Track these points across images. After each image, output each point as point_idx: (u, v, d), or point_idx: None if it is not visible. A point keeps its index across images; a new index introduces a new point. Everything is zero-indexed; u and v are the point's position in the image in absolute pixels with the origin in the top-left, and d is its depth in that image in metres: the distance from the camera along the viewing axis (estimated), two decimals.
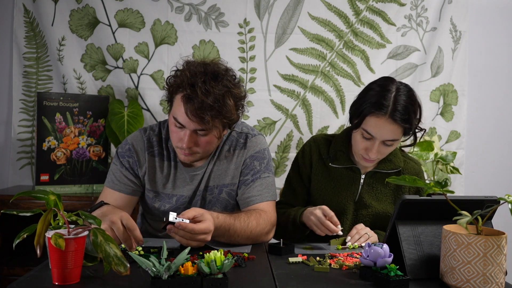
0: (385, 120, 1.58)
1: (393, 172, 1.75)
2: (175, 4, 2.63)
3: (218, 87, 1.46)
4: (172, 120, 1.53)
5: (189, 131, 1.50)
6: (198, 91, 1.43)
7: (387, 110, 1.57)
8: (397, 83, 1.65)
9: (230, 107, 1.49)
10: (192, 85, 1.45)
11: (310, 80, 2.70)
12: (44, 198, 1.12)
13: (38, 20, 2.59)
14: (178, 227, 1.28)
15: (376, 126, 1.60)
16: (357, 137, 1.67)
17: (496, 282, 1.06)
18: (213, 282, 1.04)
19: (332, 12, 2.70)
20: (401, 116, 1.57)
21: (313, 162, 1.80)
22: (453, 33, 2.76)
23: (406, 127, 1.60)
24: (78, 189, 2.43)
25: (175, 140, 1.56)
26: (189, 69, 1.49)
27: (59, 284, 1.05)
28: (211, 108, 1.44)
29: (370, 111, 1.59)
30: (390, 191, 1.76)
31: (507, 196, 1.07)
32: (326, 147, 1.80)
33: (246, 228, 1.47)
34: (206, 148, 1.56)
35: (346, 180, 1.75)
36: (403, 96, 1.60)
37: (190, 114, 1.45)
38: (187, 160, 1.58)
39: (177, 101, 1.50)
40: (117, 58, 2.63)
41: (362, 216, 1.73)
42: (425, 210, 1.25)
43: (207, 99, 1.43)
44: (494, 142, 2.84)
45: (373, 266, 1.16)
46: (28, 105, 2.61)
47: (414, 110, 1.62)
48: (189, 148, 1.52)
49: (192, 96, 1.44)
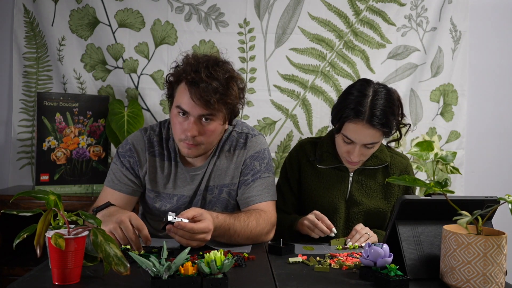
0: (362, 126, 1.60)
1: (380, 167, 1.78)
2: (175, 4, 2.63)
3: (222, 72, 1.50)
4: (175, 111, 1.53)
5: (194, 118, 1.50)
6: (202, 75, 1.46)
7: (364, 116, 1.59)
8: (375, 86, 1.66)
9: (234, 92, 1.52)
10: (196, 70, 1.48)
11: (310, 80, 2.70)
12: (44, 198, 1.12)
13: (38, 20, 2.59)
14: (177, 226, 1.28)
15: (355, 131, 1.62)
16: (339, 141, 1.70)
17: (496, 282, 1.06)
18: (213, 282, 1.04)
19: (332, 12, 2.70)
20: (378, 121, 1.59)
21: (301, 166, 1.82)
22: (453, 33, 2.76)
23: (385, 130, 1.63)
24: (78, 189, 2.43)
25: (178, 132, 1.55)
26: (191, 58, 1.53)
27: (59, 284, 1.05)
28: (216, 91, 1.46)
29: (348, 117, 1.62)
30: (379, 187, 1.78)
31: (507, 196, 1.07)
32: (312, 149, 1.83)
33: (246, 228, 1.47)
34: (210, 139, 1.56)
35: (335, 179, 1.77)
36: (381, 100, 1.61)
37: (195, 98, 1.46)
38: (191, 153, 1.56)
39: (180, 90, 1.52)
40: (117, 58, 2.63)
41: (354, 213, 1.75)
42: (425, 210, 1.25)
43: (212, 82, 1.46)
44: (494, 142, 2.83)
45: (373, 266, 1.16)
46: (28, 105, 2.61)
47: (392, 112, 1.63)
48: (193, 138, 1.51)
49: (196, 80, 1.46)
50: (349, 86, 1.71)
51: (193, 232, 1.30)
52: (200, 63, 1.50)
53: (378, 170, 1.79)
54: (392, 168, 1.79)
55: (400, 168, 1.80)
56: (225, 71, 1.51)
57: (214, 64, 1.51)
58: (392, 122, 1.64)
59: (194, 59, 1.53)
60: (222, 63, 1.54)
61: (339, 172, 1.78)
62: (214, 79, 1.47)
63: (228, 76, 1.51)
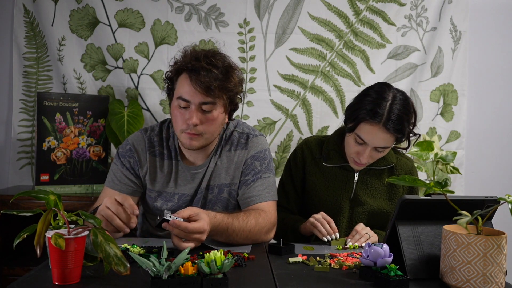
0: (378, 129, 1.60)
1: (386, 168, 1.78)
2: (175, 4, 2.63)
3: (221, 61, 1.54)
4: (176, 103, 1.54)
5: (195, 106, 1.51)
6: (202, 63, 1.49)
7: (381, 119, 1.59)
8: (394, 91, 1.66)
9: (234, 80, 1.55)
10: (196, 58, 1.51)
11: (310, 80, 2.70)
12: (44, 198, 1.12)
13: (38, 20, 2.59)
14: (172, 225, 1.29)
15: (369, 133, 1.62)
16: (350, 141, 1.69)
17: (496, 282, 1.06)
18: (213, 282, 1.04)
19: (332, 12, 2.70)
20: (394, 126, 1.59)
21: (306, 164, 1.82)
22: (453, 33, 2.76)
23: (399, 136, 1.63)
24: (78, 189, 2.43)
25: (179, 123, 1.55)
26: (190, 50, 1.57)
27: (59, 284, 1.05)
28: (216, 77, 1.50)
29: (364, 118, 1.61)
30: (384, 188, 1.78)
31: (507, 196, 1.07)
32: (318, 148, 1.83)
33: (244, 227, 1.47)
34: (212, 128, 1.56)
35: (340, 178, 1.77)
36: (398, 106, 1.61)
37: (196, 85, 1.49)
38: (193, 144, 1.56)
39: (181, 81, 1.54)
40: (117, 58, 2.63)
41: (358, 213, 1.75)
42: (425, 210, 1.25)
43: (212, 69, 1.49)
44: (494, 142, 2.84)
45: (373, 266, 1.16)
46: (28, 105, 2.61)
47: (408, 119, 1.64)
48: (195, 127, 1.52)
49: (197, 67, 1.49)
50: (368, 88, 1.71)
51: (188, 231, 1.30)
52: (199, 52, 1.54)
53: (384, 171, 1.79)
54: (397, 170, 1.79)
55: (405, 170, 1.81)
56: (224, 60, 1.55)
57: (213, 53, 1.56)
58: (406, 129, 1.64)
59: (193, 50, 1.58)
60: (220, 54, 1.58)
61: (345, 171, 1.77)
62: (214, 66, 1.50)
63: (227, 64, 1.55)
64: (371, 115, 1.59)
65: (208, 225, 1.35)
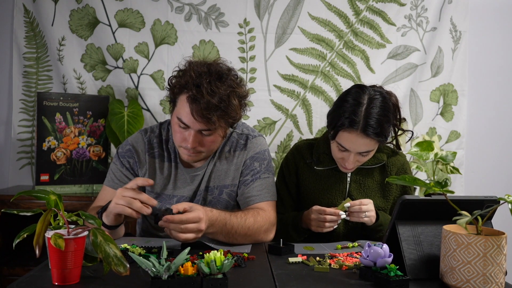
0: (357, 135, 1.59)
1: (377, 166, 1.78)
2: (175, 4, 2.63)
3: (223, 87, 1.47)
4: (176, 120, 1.52)
5: (194, 131, 1.50)
6: (203, 92, 1.43)
7: (358, 126, 1.57)
8: (370, 93, 1.63)
9: (235, 107, 1.50)
10: (197, 85, 1.45)
11: (310, 80, 2.70)
12: (44, 198, 1.12)
13: (38, 20, 2.59)
14: (165, 220, 1.29)
15: (349, 140, 1.61)
16: (334, 148, 1.69)
17: (496, 282, 1.06)
18: (213, 282, 1.04)
19: (332, 12, 2.70)
20: (373, 130, 1.57)
21: (298, 169, 1.82)
22: (453, 33, 2.76)
23: (380, 139, 1.61)
24: (78, 189, 2.43)
25: (178, 140, 1.55)
26: (193, 70, 1.49)
27: (59, 284, 1.05)
28: (217, 108, 1.45)
29: (341, 127, 1.60)
30: (377, 186, 1.79)
31: (507, 196, 1.07)
32: (309, 151, 1.83)
33: (243, 224, 1.47)
34: (211, 147, 1.57)
35: (333, 180, 1.77)
36: (375, 108, 1.59)
37: (196, 115, 1.45)
38: (191, 159, 1.58)
39: (181, 102, 1.50)
40: (117, 58, 2.63)
41: None
42: (425, 210, 1.25)
43: (213, 99, 1.44)
44: (494, 142, 2.84)
45: (373, 266, 1.16)
46: (28, 105, 2.61)
47: (387, 120, 1.62)
48: (193, 148, 1.52)
49: (197, 97, 1.44)
50: (344, 93, 1.69)
51: (183, 223, 1.30)
52: (203, 76, 1.46)
53: (376, 169, 1.79)
54: (389, 166, 1.79)
55: (397, 166, 1.80)
56: (227, 85, 1.48)
57: (217, 78, 1.48)
58: (387, 130, 1.63)
59: (196, 70, 1.49)
60: (225, 75, 1.50)
61: (337, 172, 1.78)
62: (215, 95, 1.44)
63: (230, 91, 1.48)
64: (348, 123, 1.58)
65: (203, 214, 1.34)
